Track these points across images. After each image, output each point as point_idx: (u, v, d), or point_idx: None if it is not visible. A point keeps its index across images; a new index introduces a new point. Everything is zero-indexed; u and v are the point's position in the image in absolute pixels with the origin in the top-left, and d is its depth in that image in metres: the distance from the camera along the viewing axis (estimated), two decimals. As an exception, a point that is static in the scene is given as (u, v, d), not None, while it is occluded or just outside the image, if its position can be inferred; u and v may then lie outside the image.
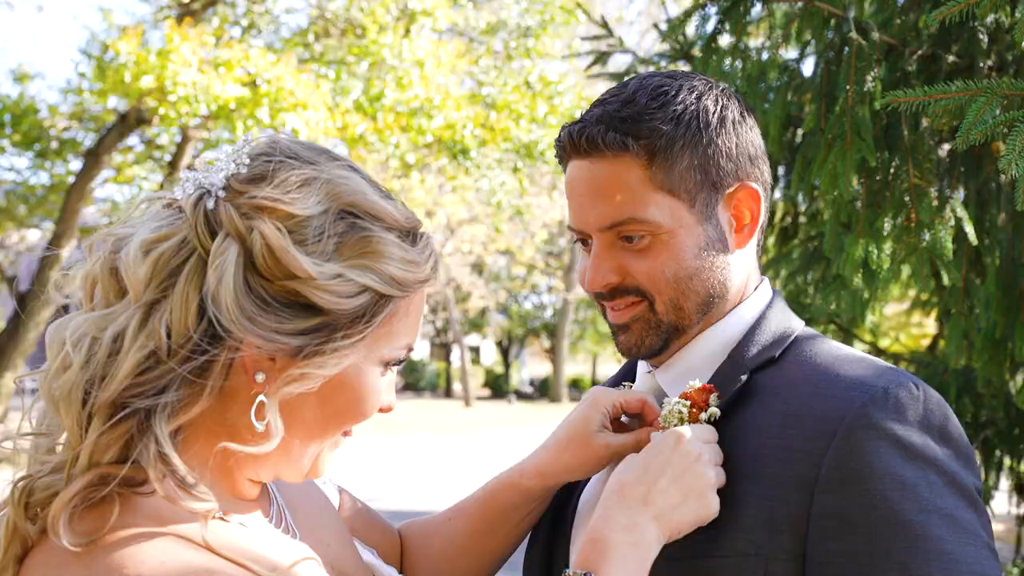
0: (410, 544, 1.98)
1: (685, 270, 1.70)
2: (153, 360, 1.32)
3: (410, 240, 1.46)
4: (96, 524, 1.29)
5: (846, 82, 3.17)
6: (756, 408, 1.66)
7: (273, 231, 1.34)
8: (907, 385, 1.58)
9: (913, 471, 1.52)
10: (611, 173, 1.69)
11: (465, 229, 31.08)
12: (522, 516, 1.90)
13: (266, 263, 1.34)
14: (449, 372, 50.41)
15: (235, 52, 16.30)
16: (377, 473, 17.74)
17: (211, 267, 1.33)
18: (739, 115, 1.75)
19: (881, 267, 3.21)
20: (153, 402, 1.31)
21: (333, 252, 1.37)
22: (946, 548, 1.50)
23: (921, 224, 3.12)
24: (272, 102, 16.09)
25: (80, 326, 1.36)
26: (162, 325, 1.32)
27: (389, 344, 1.45)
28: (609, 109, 1.71)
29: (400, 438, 25.36)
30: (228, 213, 1.36)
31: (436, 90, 17.65)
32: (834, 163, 3.13)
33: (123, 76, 15.77)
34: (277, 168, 1.40)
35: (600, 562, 1.51)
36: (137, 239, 1.37)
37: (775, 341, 1.74)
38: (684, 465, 1.58)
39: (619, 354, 1.82)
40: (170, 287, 1.34)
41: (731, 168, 1.72)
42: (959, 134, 2.23)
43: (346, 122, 16.86)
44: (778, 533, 1.55)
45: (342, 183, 1.41)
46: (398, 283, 1.41)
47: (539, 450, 1.87)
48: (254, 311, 1.33)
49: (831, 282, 3.72)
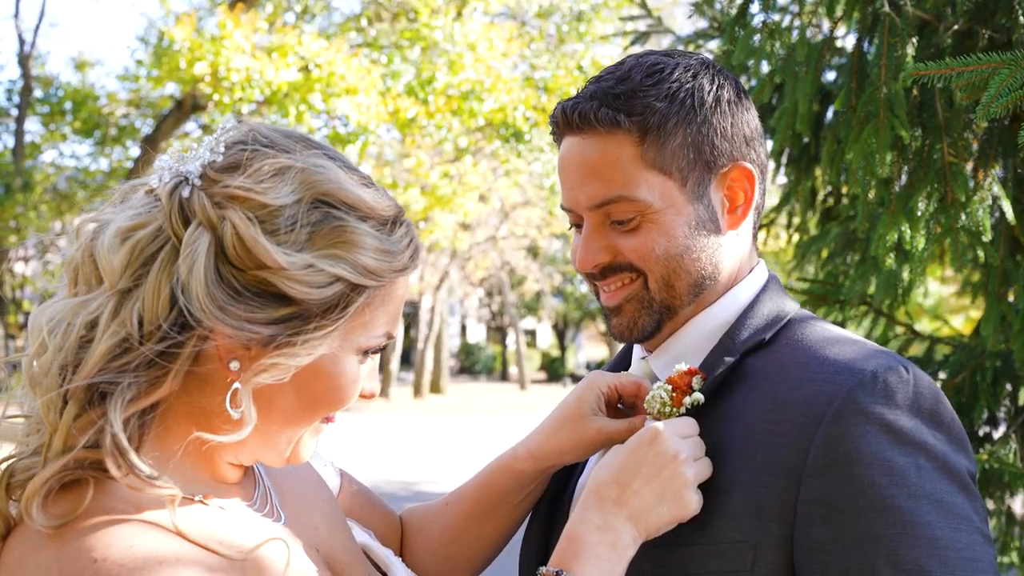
0: (410, 529, 1.98)
1: (676, 247, 1.67)
2: (125, 347, 1.32)
3: (387, 229, 1.44)
4: (70, 507, 1.30)
5: (879, 58, 3.09)
6: (747, 393, 1.63)
7: (243, 220, 1.33)
8: (896, 368, 1.54)
9: (902, 456, 1.49)
10: (602, 150, 1.67)
11: (519, 212, 31.05)
12: (519, 499, 1.89)
13: (237, 252, 1.33)
14: (505, 355, 50.55)
15: (288, 38, 16.44)
16: (431, 455, 17.85)
17: (182, 256, 1.33)
18: (735, 95, 1.72)
19: (916, 248, 3.13)
20: (113, 384, 1.31)
21: (305, 242, 1.36)
22: (936, 534, 1.46)
23: (956, 203, 3.04)
24: (324, 87, 16.20)
25: (59, 312, 1.37)
26: (134, 313, 1.32)
27: (366, 333, 1.44)
28: (604, 85, 1.69)
29: (455, 420, 25.51)
30: (201, 202, 1.35)
31: (487, 73, 17.64)
32: (867, 141, 3.05)
33: (178, 63, 15.99)
34: (252, 157, 1.38)
35: (574, 561, 1.50)
36: (113, 226, 1.37)
37: (767, 324, 1.70)
38: (659, 465, 1.54)
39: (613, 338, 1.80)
40: (143, 275, 1.34)
41: (725, 148, 1.69)
42: (980, 106, 2.17)
43: (397, 106, 16.93)
44: (766, 520, 1.53)
45: (317, 172, 1.39)
46: (372, 273, 1.40)
47: (534, 432, 1.86)
48: (224, 300, 1.32)
49: (865, 264, 3.64)
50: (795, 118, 3.30)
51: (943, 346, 4.05)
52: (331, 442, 7.39)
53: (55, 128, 20.76)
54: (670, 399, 1.67)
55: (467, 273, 37.80)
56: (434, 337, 34.90)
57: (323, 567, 1.53)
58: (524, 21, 21.75)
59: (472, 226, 30.41)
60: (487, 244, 33.55)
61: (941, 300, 18.01)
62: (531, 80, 19.67)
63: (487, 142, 20.36)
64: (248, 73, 15.64)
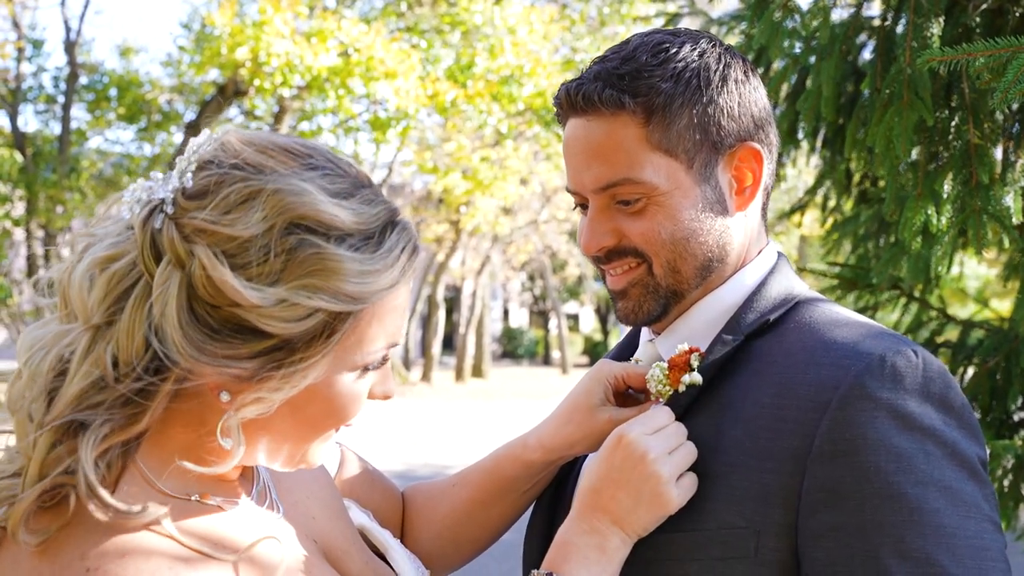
0: (413, 508, 1.98)
1: (682, 231, 1.64)
2: (99, 387, 1.28)
3: (374, 242, 1.35)
4: (54, 521, 1.28)
5: (904, 39, 3.04)
6: (751, 377, 1.60)
7: (210, 258, 1.26)
8: (905, 352, 1.51)
9: (910, 442, 1.45)
10: (607, 132, 1.64)
11: (561, 196, 30.93)
12: (525, 488, 1.88)
13: (207, 292, 1.27)
14: (547, 340, 50.51)
15: (328, 23, 16.48)
16: (471, 438, 17.90)
17: (155, 297, 1.28)
18: (742, 74, 1.69)
19: (941, 231, 3.08)
20: (85, 422, 1.28)
21: (280, 271, 1.28)
22: (943, 521, 1.43)
23: (981, 185, 2.98)
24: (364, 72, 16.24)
25: (39, 339, 1.34)
26: (108, 353, 1.28)
27: (361, 351, 1.37)
28: (608, 66, 1.65)
29: (496, 404, 25.55)
30: (171, 236, 1.28)
31: (527, 57, 17.59)
32: (890, 123, 3.00)
33: (219, 49, 16.09)
34: (220, 181, 1.30)
35: (563, 564, 1.51)
36: (89, 257, 1.33)
37: (774, 306, 1.67)
38: (628, 469, 1.53)
39: None
40: (117, 312, 1.29)
41: (732, 128, 1.65)
42: (997, 92, 2.12)
43: (436, 90, 16.92)
44: (770, 506, 1.50)
45: (290, 194, 1.30)
46: (355, 298, 1.32)
47: (544, 423, 1.85)
48: (201, 340, 1.27)
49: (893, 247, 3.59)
50: (819, 100, 3.26)
51: (977, 330, 3.98)
52: (369, 425, 7.41)
53: (100, 114, 20.99)
54: (665, 378, 1.66)
55: (509, 257, 37.81)
56: (476, 321, 34.96)
57: (319, 558, 1.52)
58: (565, 3, 21.64)
59: (513, 210, 30.38)
60: (528, 228, 33.49)
61: (988, 282, 17.70)
62: (572, 63, 19.58)
63: (527, 127, 20.30)
64: (288, 58, 15.70)
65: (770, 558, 1.51)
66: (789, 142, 4.50)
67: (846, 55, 3.35)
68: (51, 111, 21.40)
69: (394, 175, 27.29)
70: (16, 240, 20.41)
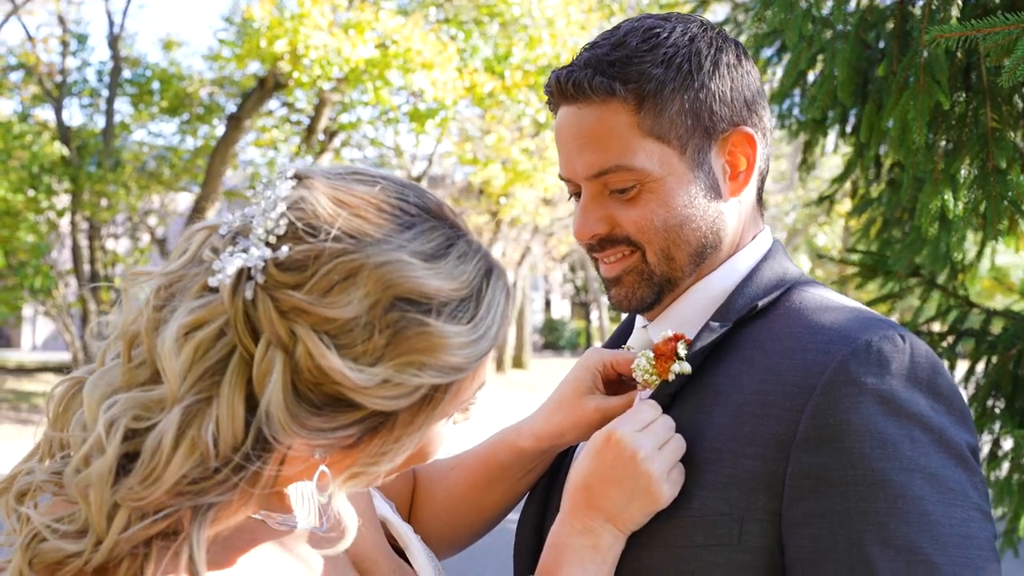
0: (419, 488, 1.98)
1: (675, 218, 1.63)
2: (200, 470, 1.22)
3: (472, 305, 1.31)
4: None
5: (921, 20, 3.00)
6: (739, 364, 1.59)
7: (316, 342, 1.22)
8: (892, 337, 1.49)
9: (896, 428, 1.43)
10: (598, 119, 1.62)
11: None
12: (520, 475, 1.88)
13: (311, 374, 1.23)
14: (589, 331, 50.40)
15: (366, 15, 16.54)
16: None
17: (257, 379, 1.23)
18: (735, 58, 1.67)
19: (957, 217, 3.04)
20: (194, 506, 1.23)
21: (385, 347, 1.24)
22: (928, 509, 1.40)
23: (997, 170, 2.93)
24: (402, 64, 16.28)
25: (116, 402, 1.25)
26: (207, 433, 1.21)
27: (457, 403, 1.36)
28: (598, 52, 1.64)
29: (536, 396, 25.55)
30: (268, 314, 1.22)
31: (564, 47, 17.55)
32: (905, 107, 2.96)
33: (258, 41, 16.19)
34: (317, 256, 1.24)
35: (558, 569, 1.52)
36: (174, 324, 1.25)
37: (765, 291, 1.66)
38: (620, 467, 1.52)
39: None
40: (213, 387, 1.23)
41: (725, 113, 1.64)
42: (1005, 70, 2.08)
43: (474, 81, 16.93)
44: (754, 492, 1.49)
45: (391, 269, 1.24)
46: (459, 369, 1.29)
47: (536, 411, 1.84)
48: (304, 417, 1.23)
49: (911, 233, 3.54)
50: (835, 85, 3.22)
51: (999, 319, 3.93)
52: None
53: (143, 108, 21.23)
54: (651, 367, 1.65)
55: (549, 248, 37.75)
56: (517, 312, 34.99)
57: (350, 570, 1.53)
58: (603, -6, 21.55)
59: (554, 201, 30.32)
60: (569, 219, 33.43)
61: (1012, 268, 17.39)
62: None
63: (566, 117, 20.22)
64: (326, 51, 15.78)
65: (753, 545, 1.49)
66: (817, 129, 4.46)
67: (860, 40, 3.30)
68: (95, 105, 21.67)
69: (434, 166, 27.36)
70: (62, 232, 20.70)
